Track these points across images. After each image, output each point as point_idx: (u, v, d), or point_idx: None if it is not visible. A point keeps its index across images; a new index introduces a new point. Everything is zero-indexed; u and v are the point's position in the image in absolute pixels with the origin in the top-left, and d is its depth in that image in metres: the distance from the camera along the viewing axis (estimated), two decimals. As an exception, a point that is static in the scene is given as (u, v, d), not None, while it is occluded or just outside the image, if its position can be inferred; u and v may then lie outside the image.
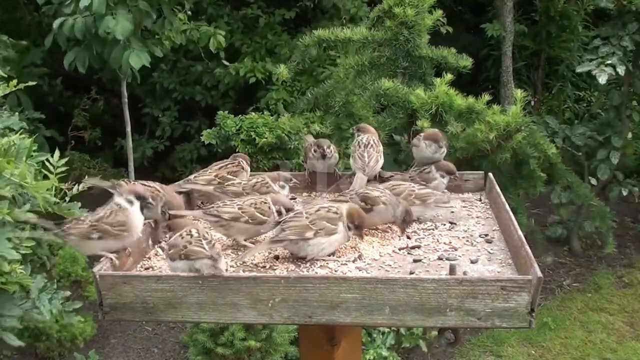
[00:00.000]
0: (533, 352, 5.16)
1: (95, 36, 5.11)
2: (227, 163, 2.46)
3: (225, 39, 6.66)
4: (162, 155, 8.06)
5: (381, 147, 2.54)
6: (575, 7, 7.82)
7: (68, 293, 2.40)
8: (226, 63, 7.31)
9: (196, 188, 2.36)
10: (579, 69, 5.92)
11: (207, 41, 6.51)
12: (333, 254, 1.97)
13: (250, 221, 2.02)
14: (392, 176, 2.57)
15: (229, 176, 2.37)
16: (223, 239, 2.15)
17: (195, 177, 2.38)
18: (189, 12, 6.61)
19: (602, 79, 5.45)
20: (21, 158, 2.02)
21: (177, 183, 2.39)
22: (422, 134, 2.66)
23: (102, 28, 4.95)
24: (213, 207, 2.09)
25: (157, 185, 2.23)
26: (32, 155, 2.13)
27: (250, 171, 2.51)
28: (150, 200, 2.01)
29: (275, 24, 7.80)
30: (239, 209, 2.04)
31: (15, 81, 2.34)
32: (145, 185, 2.23)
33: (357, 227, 1.96)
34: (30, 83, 2.52)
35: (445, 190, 2.49)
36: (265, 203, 2.07)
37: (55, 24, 5.10)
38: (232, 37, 7.69)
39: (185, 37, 6.56)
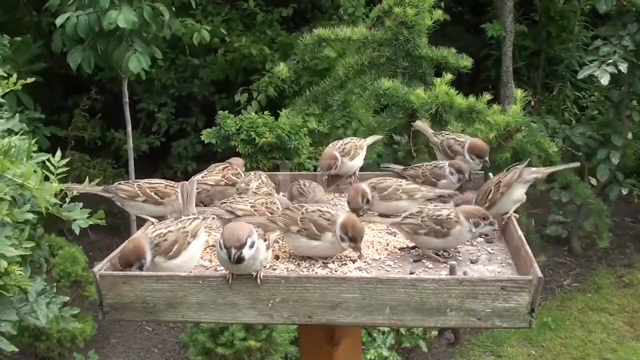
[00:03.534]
0: (533, 352, 5.16)
1: (99, 33, 5.09)
2: (227, 165, 2.49)
3: (223, 32, 6.62)
4: (160, 153, 8.04)
5: None
6: (572, 8, 7.83)
7: (67, 298, 2.39)
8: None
9: (206, 188, 2.39)
10: (580, 75, 5.80)
11: (190, 35, 6.48)
12: (326, 258, 1.96)
13: None
14: (407, 168, 2.57)
15: (233, 177, 2.43)
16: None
17: (203, 177, 2.41)
18: (173, 9, 6.57)
19: (605, 80, 5.44)
20: (22, 159, 2.02)
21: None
22: (466, 142, 2.59)
23: (106, 21, 4.91)
24: (226, 202, 2.12)
25: (163, 181, 2.26)
26: (31, 156, 2.14)
27: (249, 171, 2.54)
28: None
29: (274, 22, 7.81)
30: (252, 206, 2.08)
31: (15, 77, 2.35)
32: (153, 183, 2.24)
33: (351, 239, 1.89)
34: (29, 80, 2.52)
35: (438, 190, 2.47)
36: (274, 203, 2.14)
37: (58, 21, 5.01)
38: (230, 31, 7.68)
39: (170, 32, 6.55)
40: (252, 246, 1.65)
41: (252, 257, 1.66)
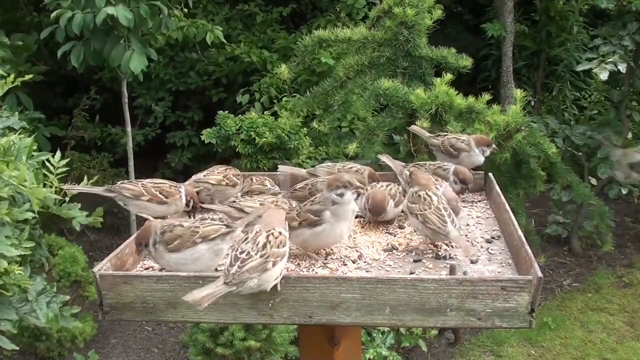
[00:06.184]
0: (533, 352, 5.16)
1: (95, 31, 5.09)
2: (229, 167, 2.52)
3: (223, 32, 6.67)
4: (157, 148, 8.03)
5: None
6: (571, 7, 7.83)
7: (67, 297, 2.39)
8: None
9: (207, 187, 2.41)
10: (579, 68, 5.94)
11: (204, 35, 6.51)
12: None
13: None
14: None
15: (235, 178, 2.46)
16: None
17: (205, 175, 2.43)
18: (185, 10, 6.59)
19: (604, 75, 5.47)
20: (21, 158, 2.02)
21: (188, 183, 2.41)
22: (470, 138, 2.62)
23: (100, 16, 4.90)
24: (235, 202, 2.18)
25: (167, 182, 2.27)
26: (32, 155, 2.13)
27: (250, 171, 2.57)
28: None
29: (273, 22, 7.80)
30: (261, 204, 2.13)
31: (12, 76, 2.35)
32: (157, 183, 2.24)
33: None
34: (28, 77, 2.52)
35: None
36: (285, 202, 2.22)
37: (62, 19, 5.04)
38: (230, 30, 7.68)
39: (182, 34, 6.56)
40: None
41: None
